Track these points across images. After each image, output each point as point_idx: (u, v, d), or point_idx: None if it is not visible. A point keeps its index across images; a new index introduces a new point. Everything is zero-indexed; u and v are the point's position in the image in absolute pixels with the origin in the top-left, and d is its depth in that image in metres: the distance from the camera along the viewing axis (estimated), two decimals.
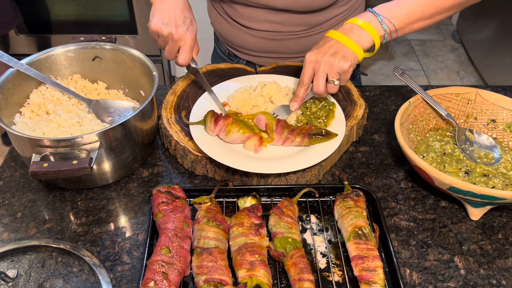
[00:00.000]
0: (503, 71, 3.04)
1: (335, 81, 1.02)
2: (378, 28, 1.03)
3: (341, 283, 0.87)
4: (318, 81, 1.03)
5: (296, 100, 1.09)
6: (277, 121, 1.06)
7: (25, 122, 1.05)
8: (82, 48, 1.16)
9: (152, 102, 1.07)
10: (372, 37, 1.03)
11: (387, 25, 1.03)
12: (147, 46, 2.77)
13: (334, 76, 1.02)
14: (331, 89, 1.04)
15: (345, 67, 1.00)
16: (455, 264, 0.91)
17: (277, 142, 1.07)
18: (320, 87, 1.03)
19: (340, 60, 1.00)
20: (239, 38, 1.36)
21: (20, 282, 0.86)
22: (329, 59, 1.01)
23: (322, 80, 1.03)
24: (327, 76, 1.03)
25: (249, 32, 1.32)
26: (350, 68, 1.02)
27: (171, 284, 0.79)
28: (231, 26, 1.35)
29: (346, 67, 1.00)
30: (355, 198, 0.95)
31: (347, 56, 1.01)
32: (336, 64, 1.00)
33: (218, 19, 1.38)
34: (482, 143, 1.09)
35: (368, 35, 1.02)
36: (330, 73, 1.02)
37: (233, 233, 0.90)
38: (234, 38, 1.37)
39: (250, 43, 1.35)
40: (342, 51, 1.01)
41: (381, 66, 3.54)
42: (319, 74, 1.02)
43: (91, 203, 1.03)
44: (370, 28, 1.02)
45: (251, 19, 1.29)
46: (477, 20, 3.42)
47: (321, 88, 1.03)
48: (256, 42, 1.34)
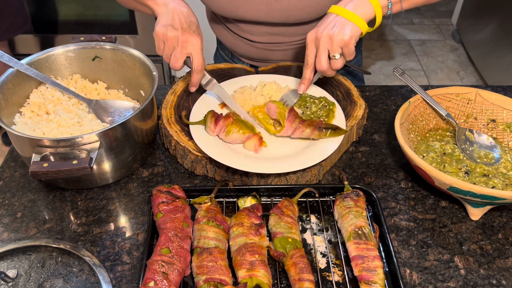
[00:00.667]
0: (503, 71, 3.04)
1: (336, 55, 0.99)
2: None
3: (341, 283, 0.87)
4: (320, 57, 1.01)
5: (304, 83, 1.07)
6: (290, 109, 1.06)
7: (25, 122, 1.05)
8: (82, 48, 1.16)
9: (152, 102, 1.07)
10: (374, 7, 0.99)
11: None
12: (147, 46, 2.77)
13: (335, 50, 0.99)
14: (335, 64, 1.01)
15: (346, 39, 0.97)
16: (455, 264, 0.92)
17: (287, 131, 1.06)
18: (323, 63, 1.00)
19: (339, 32, 0.97)
20: (240, 47, 1.37)
21: (20, 282, 0.86)
22: (327, 32, 0.98)
23: (324, 56, 1.00)
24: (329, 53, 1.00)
25: (250, 43, 1.33)
26: (352, 40, 0.98)
27: (171, 284, 0.79)
28: (233, 38, 1.36)
29: (346, 38, 0.97)
30: (355, 198, 0.95)
31: (345, 27, 0.98)
32: (336, 37, 0.97)
33: (221, 31, 1.39)
34: (482, 143, 1.09)
35: (370, 5, 0.99)
36: (331, 48, 0.99)
37: (233, 233, 0.90)
38: (236, 48, 1.38)
39: (252, 52, 1.36)
40: (341, 23, 0.98)
41: (381, 66, 3.54)
42: (320, 50, 1.00)
43: (91, 203, 1.03)
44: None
45: (251, 33, 1.30)
46: (477, 20, 3.42)
47: (324, 65, 1.00)
48: (257, 52, 1.35)
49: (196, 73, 1.06)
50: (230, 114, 1.07)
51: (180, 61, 1.04)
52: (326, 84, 1.28)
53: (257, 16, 1.22)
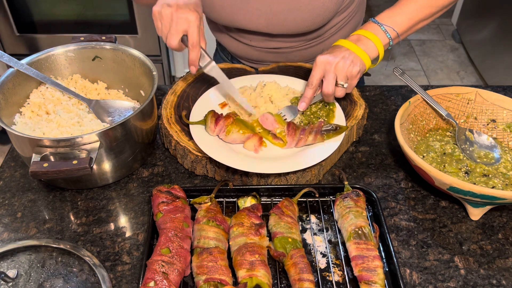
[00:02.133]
0: (503, 71, 3.04)
1: (344, 84, 1.04)
2: (383, 38, 1.06)
3: (341, 283, 0.87)
4: (328, 81, 1.04)
5: (304, 101, 1.09)
6: (287, 124, 1.06)
7: (25, 122, 1.05)
8: (82, 48, 1.16)
9: (152, 102, 1.07)
10: (377, 47, 1.06)
11: (391, 33, 1.07)
12: (147, 46, 2.77)
13: (343, 79, 1.03)
14: (339, 92, 1.06)
15: (354, 72, 1.02)
16: (455, 264, 0.92)
17: (291, 145, 1.06)
18: (330, 87, 1.04)
19: (350, 64, 1.02)
20: (241, 51, 1.37)
21: (20, 282, 0.86)
22: (340, 61, 1.02)
23: (332, 81, 1.04)
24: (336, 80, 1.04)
25: (250, 47, 1.34)
26: (358, 75, 1.04)
27: (171, 284, 0.79)
28: (232, 41, 1.36)
29: (355, 72, 1.02)
30: (355, 198, 0.95)
31: (357, 62, 1.03)
32: (347, 68, 1.02)
33: (221, 35, 1.39)
34: (482, 143, 1.09)
35: (374, 45, 1.06)
36: (340, 76, 1.03)
37: (233, 233, 0.90)
38: (236, 50, 1.38)
39: (253, 55, 1.37)
40: (352, 56, 1.03)
41: (381, 66, 3.54)
42: (330, 75, 1.03)
43: (91, 203, 1.03)
44: (375, 38, 1.06)
45: (251, 39, 1.31)
46: (477, 20, 3.42)
47: (331, 89, 1.04)
48: (257, 54, 1.35)
49: (190, 50, 1.01)
50: (230, 114, 1.07)
51: (175, 37, 0.99)
52: None
53: (255, 28, 1.24)
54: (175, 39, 0.99)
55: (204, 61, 1.06)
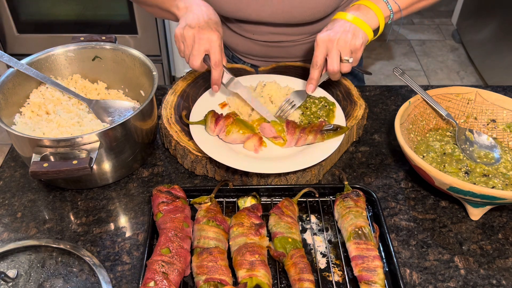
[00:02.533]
0: (503, 71, 3.04)
1: (350, 58, 1.01)
2: (384, 9, 1.04)
3: (341, 283, 0.87)
4: (332, 59, 1.02)
5: (312, 83, 1.07)
6: (287, 122, 1.06)
7: (25, 122, 1.05)
8: (82, 48, 1.16)
9: (152, 102, 1.07)
10: (378, 17, 1.03)
11: (393, 6, 1.05)
12: (147, 46, 2.77)
13: (347, 53, 1.01)
14: (345, 67, 1.03)
15: (358, 45, 1.00)
16: (455, 264, 0.92)
17: (291, 143, 1.06)
18: (335, 65, 1.02)
19: (352, 37, 1.00)
20: (242, 45, 1.37)
21: (20, 282, 0.86)
22: (342, 36, 1.00)
23: (336, 58, 1.02)
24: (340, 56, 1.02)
25: (252, 41, 1.33)
26: (362, 47, 1.02)
27: (171, 284, 0.79)
28: (234, 36, 1.36)
29: (358, 44, 1.00)
30: (355, 198, 0.95)
31: (358, 34, 1.01)
32: (350, 41, 1.00)
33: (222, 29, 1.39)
34: (482, 143, 1.09)
35: (374, 15, 1.03)
36: (344, 51, 1.01)
37: (233, 233, 0.90)
38: (237, 45, 1.38)
39: (254, 50, 1.36)
40: (353, 28, 1.01)
41: (381, 66, 3.54)
42: (333, 52, 1.01)
43: (91, 203, 1.03)
44: (376, 8, 1.03)
45: (253, 32, 1.30)
46: (477, 20, 3.42)
47: (336, 67, 1.02)
48: (259, 49, 1.35)
49: (213, 69, 1.03)
50: (230, 114, 1.07)
51: (198, 58, 1.01)
52: (326, 84, 1.28)
53: (259, 17, 1.22)
54: (197, 60, 1.01)
55: (227, 79, 1.07)
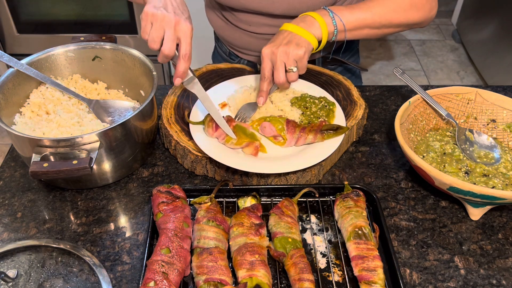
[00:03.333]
0: (503, 71, 3.04)
1: (293, 68, 1.05)
2: (329, 23, 1.08)
3: (341, 283, 0.87)
4: (277, 71, 1.06)
5: (262, 95, 1.11)
6: (287, 121, 1.06)
7: (25, 122, 1.05)
8: (82, 48, 1.16)
9: (152, 102, 1.07)
10: (322, 28, 1.07)
11: (337, 23, 1.09)
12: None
13: (291, 64, 1.05)
14: (291, 77, 1.07)
15: (300, 53, 1.04)
16: (455, 264, 0.92)
17: (290, 143, 1.06)
18: (281, 77, 1.06)
19: (294, 47, 1.04)
20: (239, 40, 1.36)
21: (20, 282, 0.86)
22: (283, 48, 1.04)
23: (281, 70, 1.05)
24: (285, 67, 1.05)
25: (249, 34, 1.32)
26: (305, 55, 1.05)
27: (171, 284, 0.79)
28: (230, 28, 1.35)
29: (301, 53, 1.04)
30: (355, 198, 0.95)
31: (300, 43, 1.04)
32: (291, 52, 1.04)
33: (217, 21, 1.38)
34: (482, 143, 1.09)
35: (319, 27, 1.07)
36: (287, 62, 1.05)
37: (233, 233, 0.90)
38: (234, 40, 1.38)
39: (251, 44, 1.35)
40: (296, 39, 1.05)
41: (381, 66, 3.54)
42: (277, 64, 1.05)
43: (91, 203, 1.03)
44: (321, 20, 1.07)
45: (250, 24, 1.30)
46: (477, 20, 3.42)
47: (282, 78, 1.06)
48: (256, 43, 1.34)
49: (183, 60, 0.97)
50: (230, 119, 1.06)
51: (172, 44, 0.96)
52: (326, 84, 1.28)
53: (259, 6, 1.22)
54: (171, 46, 0.96)
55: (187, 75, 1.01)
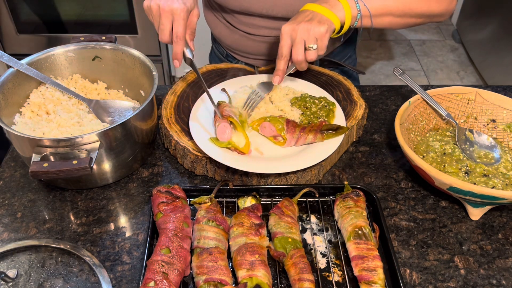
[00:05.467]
0: (503, 71, 3.04)
1: (313, 46, 1.01)
2: (352, 6, 1.05)
3: (341, 283, 0.87)
4: (296, 48, 1.02)
5: (278, 74, 1.07)
6: (287, 121, 1.06)
7: (25, 122, 1.05)
8: (82, 48, 1.16)
9: (152, 102, 1.07)
10: (345, 10, 1.04)
11: (361, 7, 1.05)
12: (147, 46, 2.77)
13: (311, 41, 1.01)
14: (310, 55, 1.03)
15: (322, 31, 1.00)
16: (455, 264, 0.92)
17: (290, 143, 1.06)
18: (299, 54, 1.02)
19: (316, 24, 1.00)
20: (237, 42, 1.36)
21: (20, 282, 0.86)
22: (305, 25, 1.00)
23: (300, 47, 1.02)
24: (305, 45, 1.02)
25: (248, 36, 1.32)
26: (327, 33, 1.01)
27: (171, 284, 0.79)
28: (229, 30, 1.35)
29: (323, 30, 1.00)
30: (355, 198, 0.95)
31: (322, 21, 1.01)
32: (313, 29, 1.00)
33: (216, 23, 1.38)
34: (482, 143, 1.09)
35: (342, 8, 1.04)
36: (308, 39, 1.01)
37: (233, 233, 0.90)
38: (232, 42, 1.37)
39: (249, 47, 1.35)
40: (318, 17, 1.02)
41: (381, 66, 3.54)
42: (297, 41, 1.01)
43: (91, 203, 1.03)
44: (345, 2, 1.04)
45: (250, 26, 1.29)
46: (477, 20, 3.42)
47: (300, 56, 1.02)
48: (255, 46, 1.34)
49: (174, 42, 1.00)
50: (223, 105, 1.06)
51: (166, 31, 0.98)
52: (326, 84, 1.28)
53: (261, 9, 1.21)
54: (166, 33, 0.98)
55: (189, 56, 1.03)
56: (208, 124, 1.10)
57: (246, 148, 1.03)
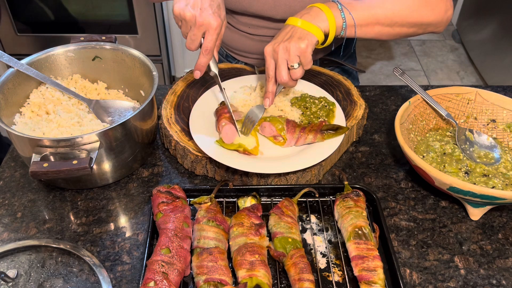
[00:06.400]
0: (503, 71, 3.04)
1: (295, 64, 0.99)
2: (337, 16, 1.01)
3: (341, 283, 0.87)
4: (280, 70, 1.00)
5: (268, 96, 1.05)
6: (287, 121, 1.06)
7: (25, 122, 1.05)
8: (82, 48, 1.16)
9: (152, 102, 1.07)
10: (329, 20, 1.01)
11: (346, 16, 1.02)
12: (147, 46, 2.77)
13: (293, 60, 0.99)
14: (295, 74, 1.01)
15: (303, 47, 0.97)
16: (455, 264, 0.92)
17: (290, 143, 1.06)
18: (283, 75, 1.00)
19: (295, 42, 0.97)
20: (237, 42, 1.36)
21: (20, 282, 0.86)
22: (284, 44, 0.98)
23: (283, 68, 1.00)
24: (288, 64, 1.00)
25: (248, 36, 1.32)
26: (308, 48, 0.98)
27: (171, 284, 0.79)
28: (229, 30, 1.35)
29: (303, 46, 0.97)
30: (355, 198, 0.95)
31: (302, 37, 0.98)
32: (293, 47, 0.97)
33: None
34: (482, 143, 1.09)
35: (325, 18, 1.00)
36: (289, 58, 0.99)
37: (233, 233, 0.90)
38: (232, 41, 1.37)
39: (249, 46, 1.35)
40: (297, 33, 0.99)
41: (381, 66, 3.54)
42: (279, 62, 0.99)
43: (91, 203, 1.03)
44: (328, 12, 1.01)
45: (249, 26, 1.29)
46: (477, 20, 3.42)
47: (284, 77, 1.00)
48: (254, 45, 1.34)
49: (202, 54, 0.99)
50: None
51: (196, 42, 0.98)
52: (326, 84, 1.28)
53: (261, 10, 1.21)
54: (195, 43, 0.97)
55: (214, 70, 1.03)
56: (209, 124, 1.10)
57: (256, 150, 1.03)
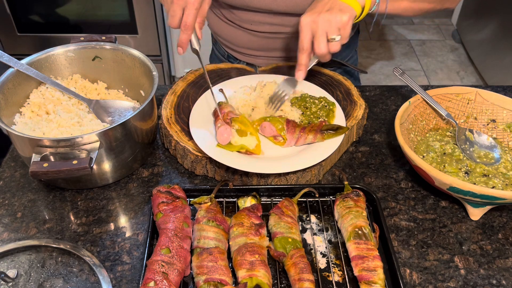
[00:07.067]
0: (503, 71, 3.04)
1: (336, 37, 0.96)
2: None
3: (341, 283, 0.87)
4: (318, 41, 0.97)
5: (301, 69, 1.02)
6: (287, 121, 1.06)
7: (25, 122, 1.05)
8: (82, 48, 1.16)
9: (152, 102, 1.07)
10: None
11: None
12: (147, 46, 2.77)
13: (334, 32, 0.96)
14: (333, 47, 0.98)
15: (344, 20, 0.95)
16: (455, 264, 0.92)
17: (290, 143, 1.06)
18: (322, 47, 0.97)
19: (337, 13, 0.95)
20: (239, 39, 1.36)
21: (20, 282, 0.86)
22: (325, 15, 0.95)
23: (323, 40, 0.97)
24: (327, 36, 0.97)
25: (249, 32, 1.32)
26: (350, 22, 0.96)
27: (171, 284, 0.79)
28: (230, 27, 1.35)
29: (345, 19, 0.95)
30: (355, 198, 0.95)
31: (343, 9, 0.96)
32: (334, 19, 0.95)
33: (216, 21, 1.38)
34: (482, 143, 1.09)
35: None
36: (330, 30, 0.96)
37: (233, 233, 0.90)
38: (233, 39, 1.37)
39: (251, 42, 1.35)
40: (338, 5, 0.96)
41: (381, 66, 3.54)
42: (319, 33, 0.96)
43: (91, 203, 1.03)
44: None
45: (251, 22, 1.28)
46: (477, 20, 3.42)
47: (323, 49, 0.97)
48: (256, 41, 1.33)
49: (181, 31, 0.97)
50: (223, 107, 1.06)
51: (176, 18, 0.96)
52: (326, 84, 1.28)
53: (260, 4, 1.20)
54: (176, 18, 0.96)
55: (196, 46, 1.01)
56: (209, 124, 1.10)
57: (258, 148, 1.03)
